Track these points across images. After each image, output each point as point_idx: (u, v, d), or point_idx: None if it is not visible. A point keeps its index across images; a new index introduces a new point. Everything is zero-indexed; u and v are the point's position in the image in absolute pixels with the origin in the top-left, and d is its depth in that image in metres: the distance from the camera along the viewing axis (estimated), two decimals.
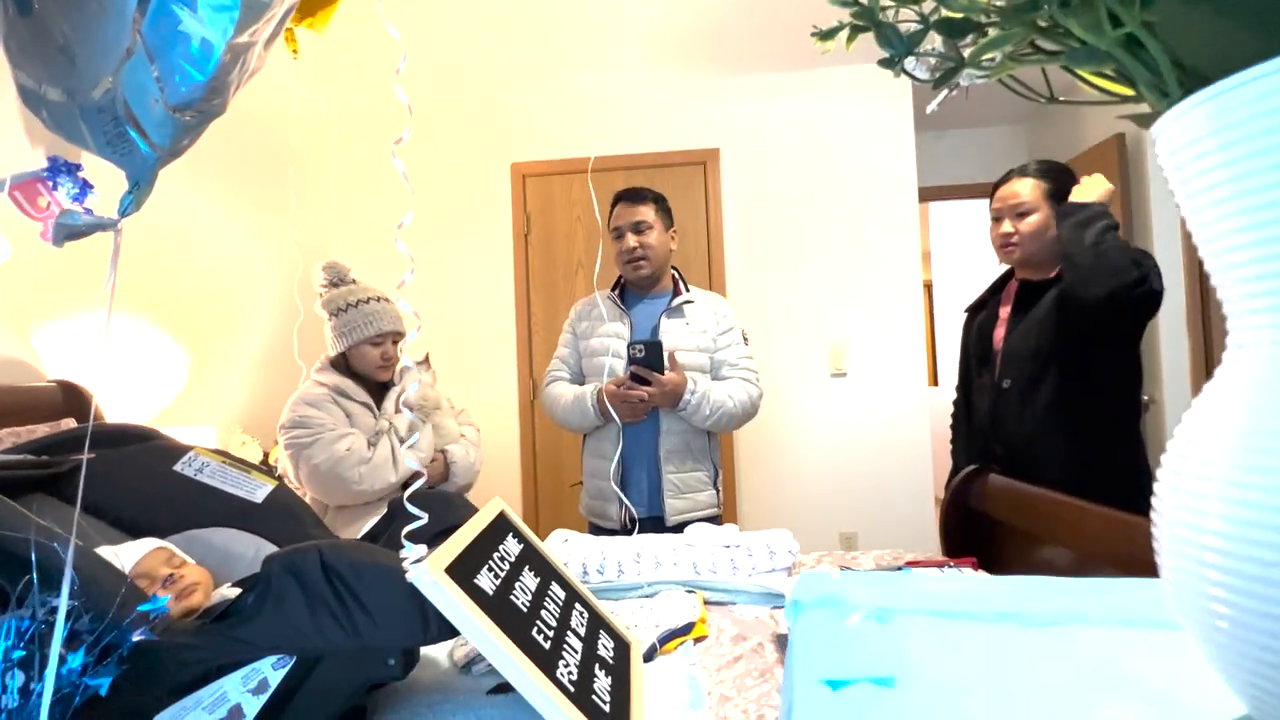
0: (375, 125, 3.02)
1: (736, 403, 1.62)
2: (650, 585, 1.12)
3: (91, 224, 0.48)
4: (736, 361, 1.69)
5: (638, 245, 1.66)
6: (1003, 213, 1.46)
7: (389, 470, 1.49)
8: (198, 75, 0.46)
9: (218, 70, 0.46)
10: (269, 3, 0.46)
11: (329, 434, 1.48)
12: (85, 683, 0.46)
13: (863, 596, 0.33)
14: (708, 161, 2.86)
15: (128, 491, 0.90)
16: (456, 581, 0.65)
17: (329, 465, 1.44)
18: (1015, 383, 1.40)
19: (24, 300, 1.66)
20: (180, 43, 0.45)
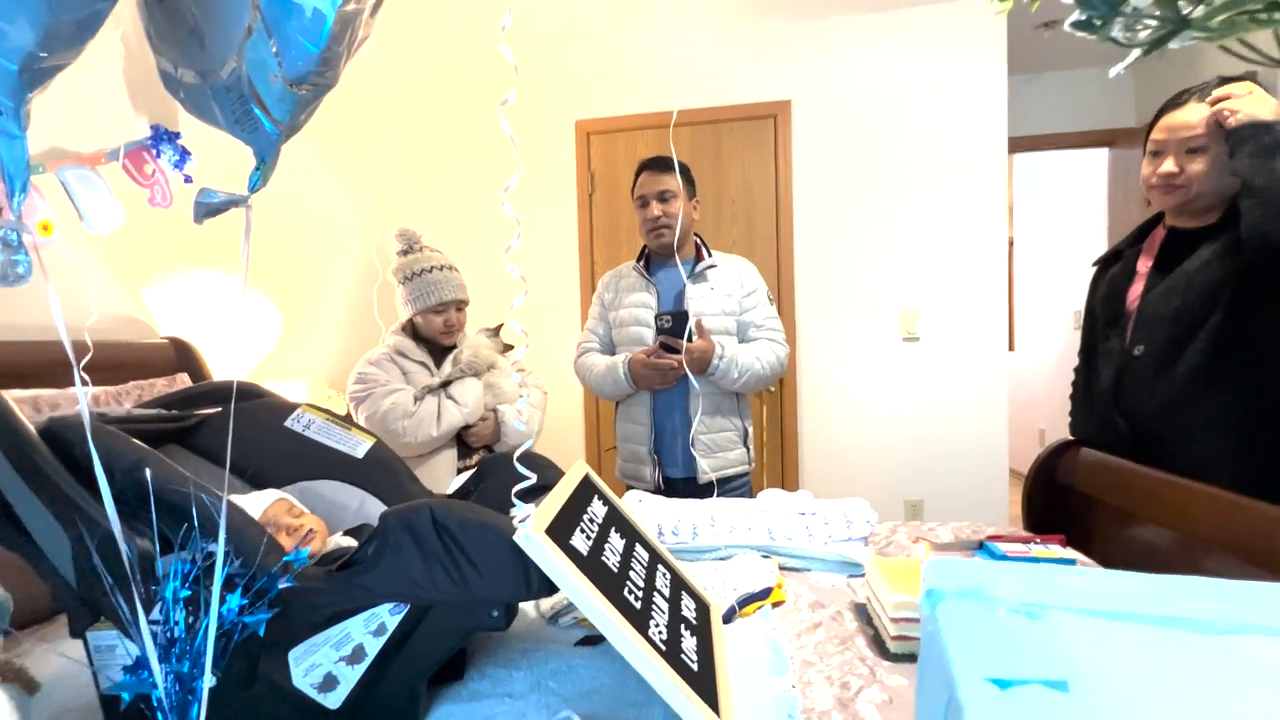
0: (448, 87, 3.03)
1: (764, 364, 1.63)
2: (726, 549, 1.14)
3: (226, 201, 0.50)
4: (763, 323, 1.69)
5: (661, 214, 1.65)
6: (1166, 147, 1.19)
7: (431, 425, 1.54)
8: (311, 47, 0.47)
9: (329, 40, 0.47)
10: None
11: (380, 389, 1.56)
12: (244, 621, 0.51)
13: (1009, 590, 0.32)
14: (778, 114, 2.74)
15: (246, 444, 0.97)
16: (555, 542, 0.68)
17: (377, 418, 1.53)
18: (1150, 349, 1.21)
19: (136, 262, 1.79)
20: (295, 15, 0.46)
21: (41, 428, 0.67)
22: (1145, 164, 1.25)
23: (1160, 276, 1.23)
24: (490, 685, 0.79)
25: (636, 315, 1.70)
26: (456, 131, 3.03)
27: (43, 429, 0.67)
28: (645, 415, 1.68)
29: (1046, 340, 4.45)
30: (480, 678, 0.80)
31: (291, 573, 0.56)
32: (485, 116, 2.98)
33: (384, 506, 1.00)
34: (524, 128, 2.93)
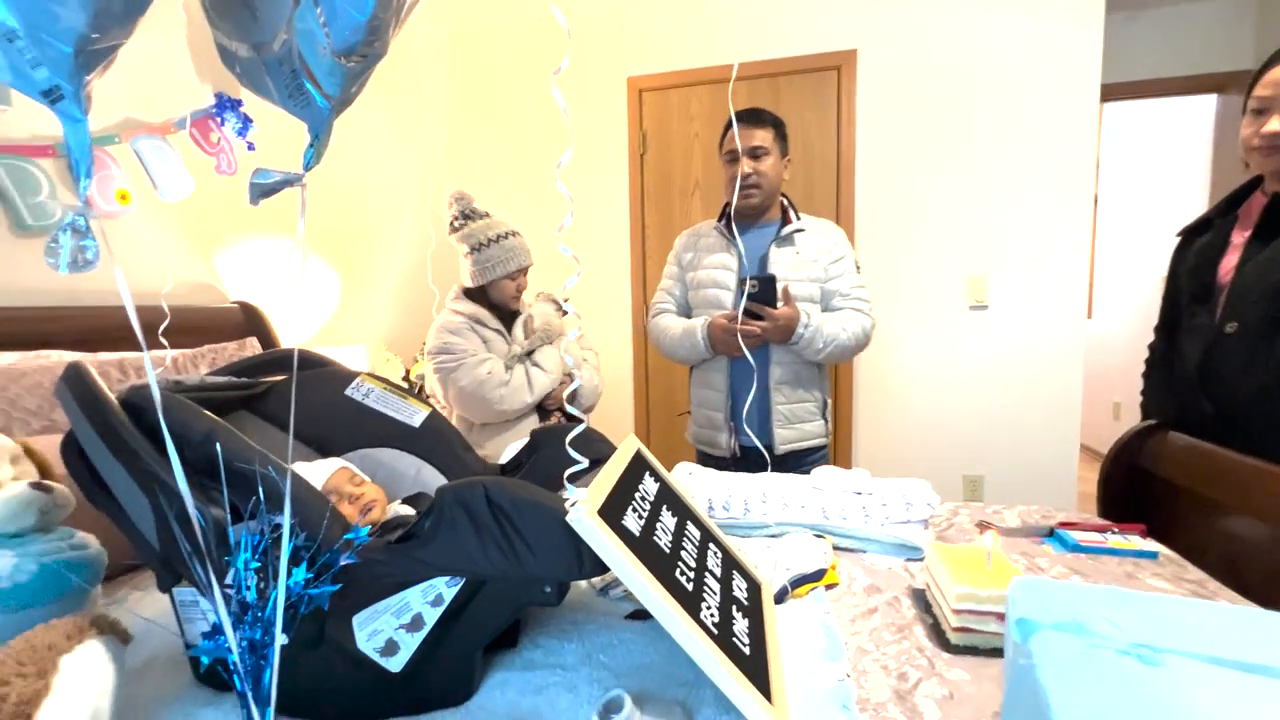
0: (497, 46, 2.98)
1: (850, 335, 1.56)
2: (778, 526, 1.12)
3: (281, 181, 0.50)
4: (849, 291, 1.61)
5: (752, 172, 1.57)
6: (1273, 104, 1.10)
7: (525, 391, 1.62)
8: (358, 15, 0.45)
9: (376, 7, 0.45)
10: None
11: (471, 359, 1.59)
12: (309, 594, 0.53)
13: (1117, 625, 0.29)
14: (842, 66, 2.57)
15: (310, 412, 1.01)
16: (607, 522, 0.68)
17: (474, 387, 1.57)
18: (1244, 326, 1.12)
19: (206, 228, 1.86)
20: None
21: (122, 398, 0.70)
22: (1246, 123, 1.14)
23: (1259, 248, 1.13)
24: (543, 655, 0.80)
25: (716, 277, 1.63)
26: (505, 91, 2.99)
27: (123, 399, 0.70)
28: (722, 381, 1.62)
29: (1128, 307, 4.14)
30: (533, 647, 0.82)
31: (353, 550, 0.57)
32: (535, 75, 2.92)
33: (439, 474, 1.03)
34: (574, 85, 2.86)
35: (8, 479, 0.76)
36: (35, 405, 1.14)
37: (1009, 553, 1.06)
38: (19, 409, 1.12)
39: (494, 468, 1.05)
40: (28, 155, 1.39)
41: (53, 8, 0.36)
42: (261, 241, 2.02)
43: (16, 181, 1.36)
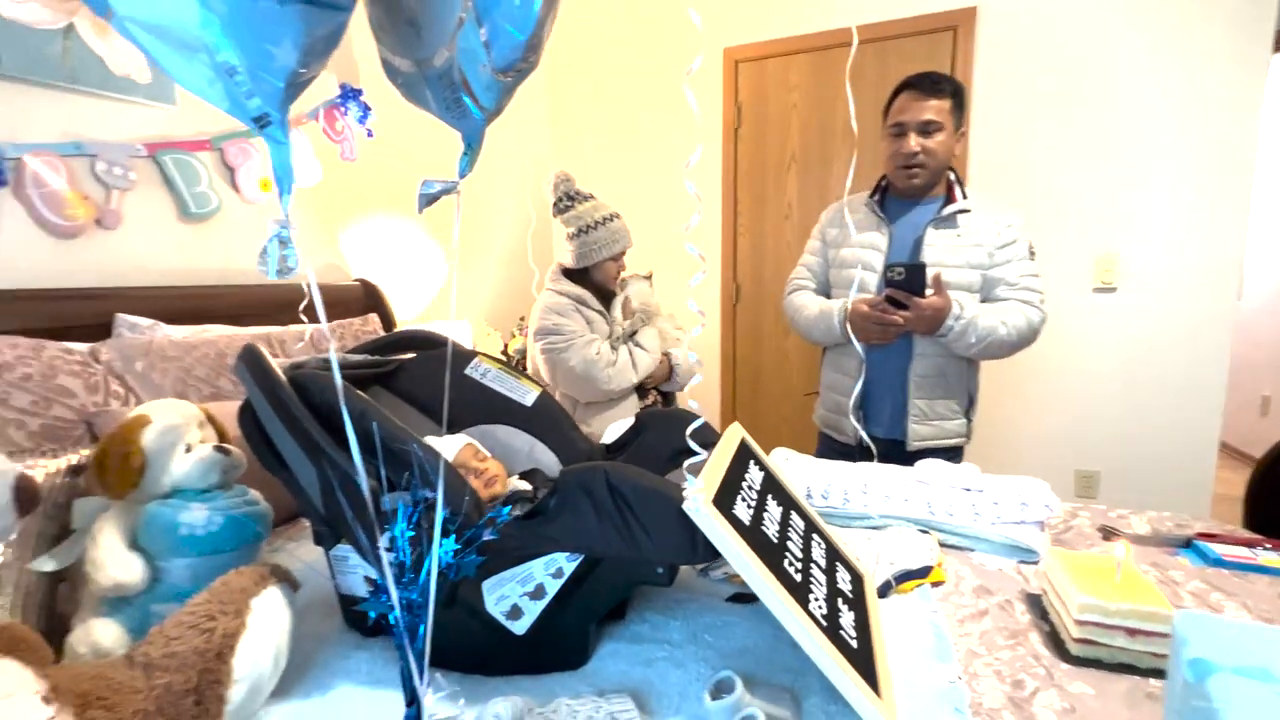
0: (596, 27, 2.98)
1: (1011, 329, 1.40)
2: (880, 518, 1.10)
3: (441, 190, 0.54)
4: (1016, 280, 1.45)
5: (919, 149, 1.43)
6: None
7: (630, 371, 1.68)
8: (518, 34, 0.47)
9: (536, 26, 0.47)
10: None
11: (580, 340, 1.65)
12: (457, 564, 0.59)
13: None
14: (960, 25, 2.38)
15: (433, 388, 1.09)
16: (720, 511, 0.70)
17: (583, 368, 1.63)
18: None
19: (331, 211, 2.02)
20: (503, 3, 0.46)
21: (290, 377, 0.79)
22: None
23: None
24: (650, 630, 0.84)
25: (862, 257, 1.51)
26: (604, 67, 2.99)
27: (291, 378, 0.79)
28: (855, 367, 1.50)
29: None
30: (640, 621, 0.87)
31: (495, 527, 0.63)
32: (634, 48, 2.90)
33: (550, 452, 1.09)
34: (667, 57, 2.83)
35: (197, 442, 0.88)
36: (204, 374, 1.31)
37: (1137, 562, 0.99)
38: (192, 377, 1.28)
39: (599, 447, 1.10)
40: (190, 150, 1.56)
41: (269, 48, 0.41)
42: (378, 221, 2.17)
43: (182, 173, 1.53)
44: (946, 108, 1.44)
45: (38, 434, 1.01)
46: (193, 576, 0.80)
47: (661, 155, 2.91)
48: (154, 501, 0.81)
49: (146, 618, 0.77)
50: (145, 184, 1.48)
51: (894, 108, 1.49)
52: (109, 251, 1.43)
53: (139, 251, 1.48)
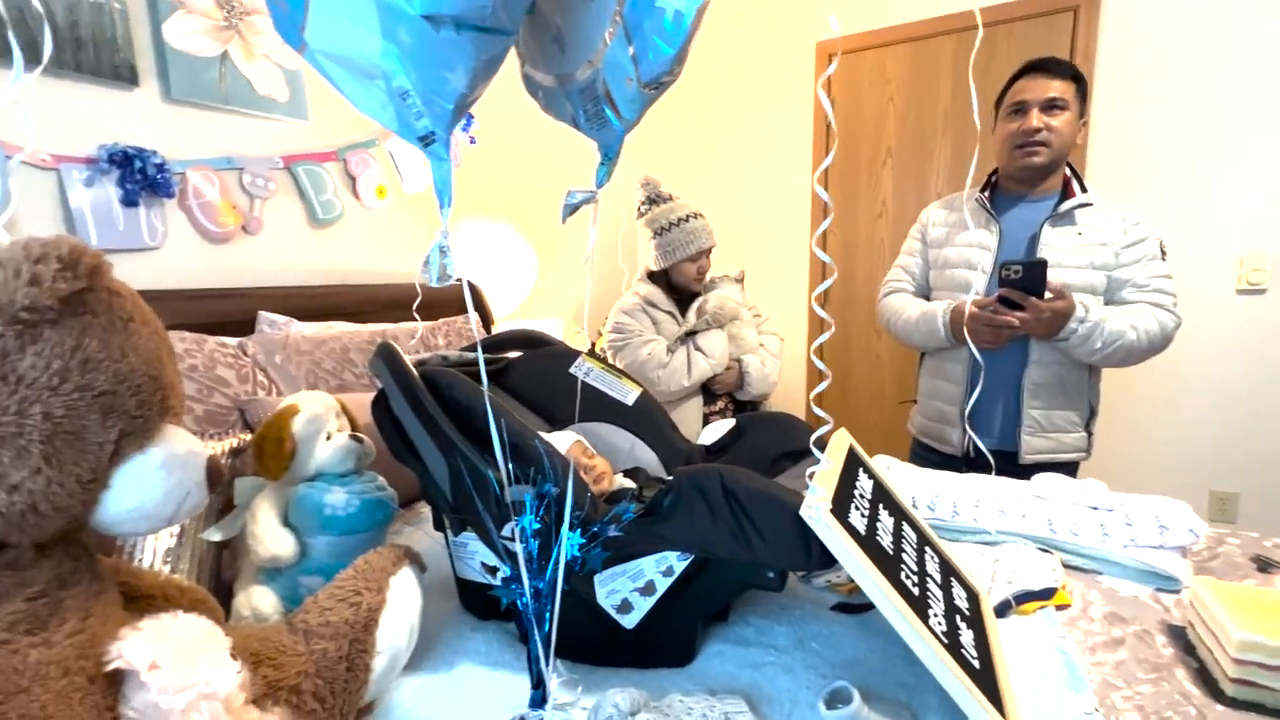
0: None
1: (1141, 334, 1.29)
2: (997, 534, 1.05)
3: (582, 199, 0.56)
4: (1146, 282, 1.33)
5: (1043, 126, 1.33)
6: None
7: (683, 375, 1.65)
8: (667, 49, 0.49)
9: (685, 40, 0.48)
10: None
11: (636, 339, 1.66)
12: (583, 557, 0.61)
13: None
14: (1081, 7, 2.21)
15: (541, 386, 1.14)
16: (836, 519, 0.69)
17: (635, 367, 1.64)
18: None
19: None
20: (654, 18, 0.48)
21: (421, 373, 0.85)
22: None
23: None
24: (755, 634, 0.84)
25: (968, 257, 1.44)
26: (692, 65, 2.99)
27: (422, 374, 0.85)
28: (961, 374, 1.44)
29: None
30: (743, 624, 0.87)
31: (620, 524, 0.65)
32: (723, 47, 2.89)
33: (651, 451, 1.11)
34: (760, 54, 2.79)
35: (335, 430, 0.96)
36: (331, 366, 1.42)
37: None
38: (321, 370, 1.40)
39: (698, 448, 1.11)
40: (319, 161, 1.70)
41: (444, 74, 0.44)
42: (477, 223, 2.27)
43: (312, 182, 1.68)
44: (1071, 89, 1.35)
45: (202, 419, 1.14)
46: (332, 553, 0.88)
47: (754, 154, 2.88)
48: (302, 484, 0.89)
49: (296, 588, 0.85)
50: (282, 193, 1.63)
51: (1012, 90, 1.40)
52: (251, 254, 1.58)
53: (276, 254, 1.63)
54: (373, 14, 0.45)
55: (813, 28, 2.68)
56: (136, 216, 1.34)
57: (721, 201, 2.90)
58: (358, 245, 1.84)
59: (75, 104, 1.26)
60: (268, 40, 1.54)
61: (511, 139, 2.29)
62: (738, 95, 2.87)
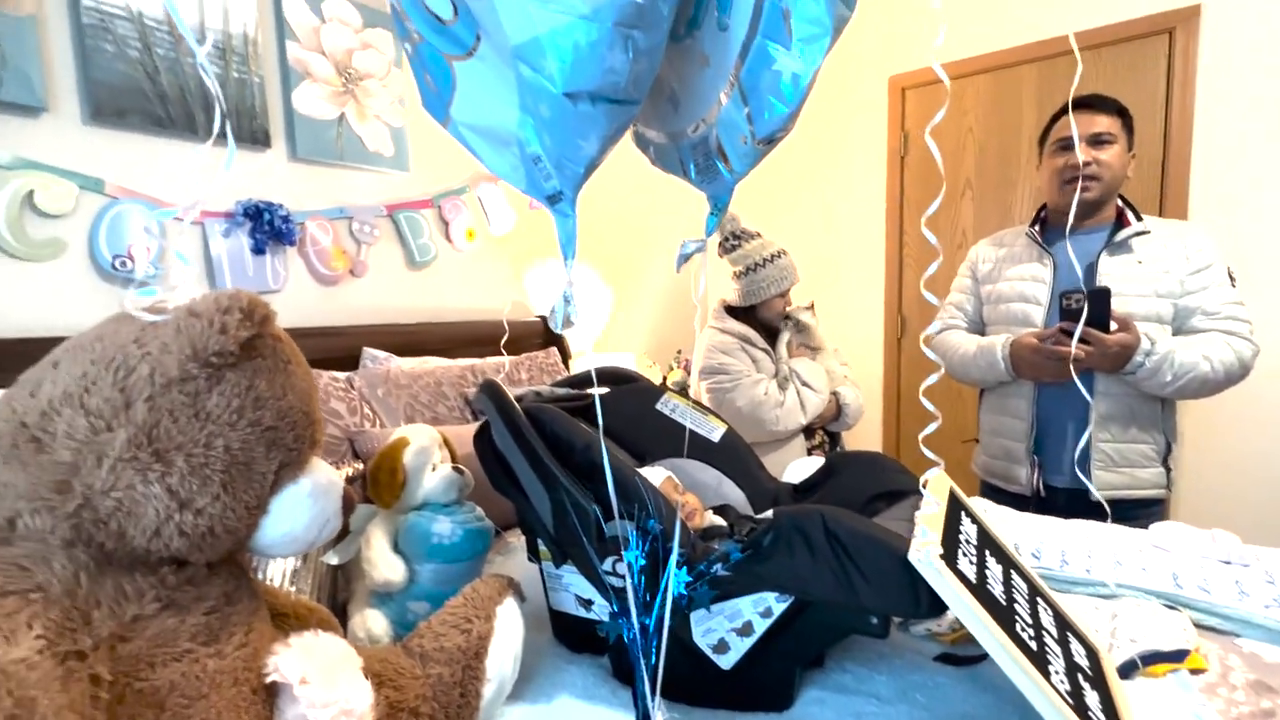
0: None
1: (1216, 364, 1.24)
2: (1116, 586, 0.98)
3: (694, 249, 0.59)
4: (1217, 309, 1.28)
5: (1091, 160, 1.33)
6: None
7: (799, 413, 1.66)
8: (783, 108, 0.51)
9: (801, 100, 0.51)
10: (849, 17, 0.48)
11: (747, 380, 1.67)
12: (690, 595, 0.62)
13: None
14: (1177, 27, 2.11)
15: (629, 422, 1.17)
16: (947, 565, 0.67)
17: (750, 408, 1.64)
18: None
19: (519, 254, 2.25)
20: (771, 80, 0.51)
21: (524, 409, 0.90)
22: None
23: None
24: (854, 681, 0.82)
25: (1023, 291, 1.43)
26: None
27: (525, 409, 0.90)
28: (1025, 409, 1.42)
29: None
30: (841, 670, 0.85)
31: (728, 564, 0.66)
32: None
33: (737, 488, 1.11)
34: (831, 89, 2.80)
35: (439, 462, 1.02)
36: (426, 400, 1.51)
37: None
38: (418, 403, 1.49)
39: (786, 487, 1.10)
40: (417, 208, 1.83)
41: (578, 142, 0.49)
42: (557, 263, 2.37)
43: (411, 228, 1.81)
44: (1117, 125, 1.34)
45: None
46: (436, 580, 0.93)
47: (827, 188, 2.88)
48: (411, 512, 0.95)
49: (404, 612, 0.90)
50: (385, 238, 1.76)
51: (1056, 127, 1.40)
52: (356, 295, 1.71)
53: (377, 294, 1.76)
54: (513, 91, 0.50)
55: (886, 62, 2.68)
56: (263, 263, 1.49)
57: (794, 235, 2.90)
58: (449, 285, 1.95)
59: (218, 165, 1.43)
60: (377, 102, 1.69)
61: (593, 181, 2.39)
62: (810, 129, 2.89)
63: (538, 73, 0.44)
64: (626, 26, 0.42)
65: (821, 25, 0.46)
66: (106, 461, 0.50)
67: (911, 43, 2.61)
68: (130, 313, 0.56)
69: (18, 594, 0.45)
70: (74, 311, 1.23)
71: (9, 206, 1.13)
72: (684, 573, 0.63)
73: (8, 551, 0.48)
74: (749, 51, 0.50)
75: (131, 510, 0.50)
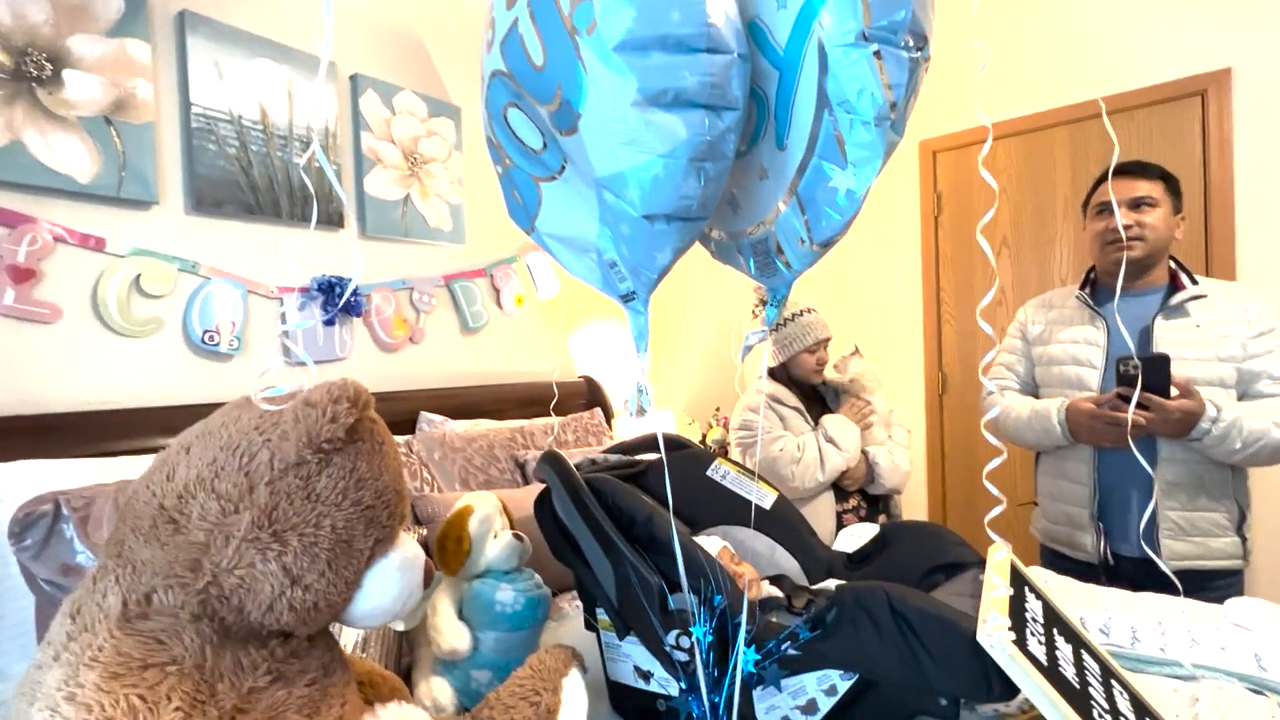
0: None
1: None
2: (1194, 668, 0.94)
3: (758, 340, 0.64)
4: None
5: (1133, 223, 1.33)
6: None
7: (817, 469, 1.63)
8: (839, 217, 0.56)
9: (856, 211, 0.56)
10: (898, 142, 0.53)
11: (766, 436, 1.67)
12: (759, 673, 0.64)
13: None
14: (1209, 89, 2.14)
15: (681, 489, 1.19)
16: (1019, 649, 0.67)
17: (767, 464, 1.64)
18: None
19: (564, 318, 2.34)
20: (828, 194, 0.56)
21: (586, 478, 0.94)
22: None
23: None
24: None
25: (1075, 354, 1.42)
26: None
27: (587, 479, 0.93)
28: (1086, 474, 1.39)
29: None
30: None
31: (797, 642, 0.67)
32: None
33: (791, 557, 1.11)
34: None
35: (500, 529, 1.05)
36: (480, 463, 1.56)
37: None
38: (472, 466, 1.54)
39: (840, 556, 1.10)
40: (471, 277, 1.94)
41: (654, 254, 0.54)
42: (599, 325, 2.45)
43: (465, 296, 1.91)
44: (1159, 188, 1.35)
45: None
46: (498, 649, 0.95)
47: (864, 251, 2.93)
48: (476, 580, 0.98)
49: (468, 680, 0.92)
50: (441, 306, 1.86)
51: (1098, 192, 1.42)
52: (414, 360, 1.80)
53: (434, 360, 1.85)
54: (593, 208, 0.57)
55: (917, 127, 2.76)
56: (333, 333, 1.59)
57: (834, 297, 2.93)
58: (499, 349, 2.04)
59: (296, 244, 1.56)
60: (439, 182, 1.83)
61: None
62: None
63: (620, 199, 0.50)
64: (699, 160, 0.47)
65: (874, 149, 0.51)
66: (233, 542, 0.55)
67: (940, 107, 2.69)
68: (253, 400, 0.62)
69: (157, 666, 0.50)
70: (169, 383, 1.34)
71: (120, 290, 1.25)
72: (752, 650, 0.64)
73: (146, 625, 0.53)
74: (806, 169, 0.55)
75: (251, 587, 0.55)
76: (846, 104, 0.47)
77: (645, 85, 0.45)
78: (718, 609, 0.68)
